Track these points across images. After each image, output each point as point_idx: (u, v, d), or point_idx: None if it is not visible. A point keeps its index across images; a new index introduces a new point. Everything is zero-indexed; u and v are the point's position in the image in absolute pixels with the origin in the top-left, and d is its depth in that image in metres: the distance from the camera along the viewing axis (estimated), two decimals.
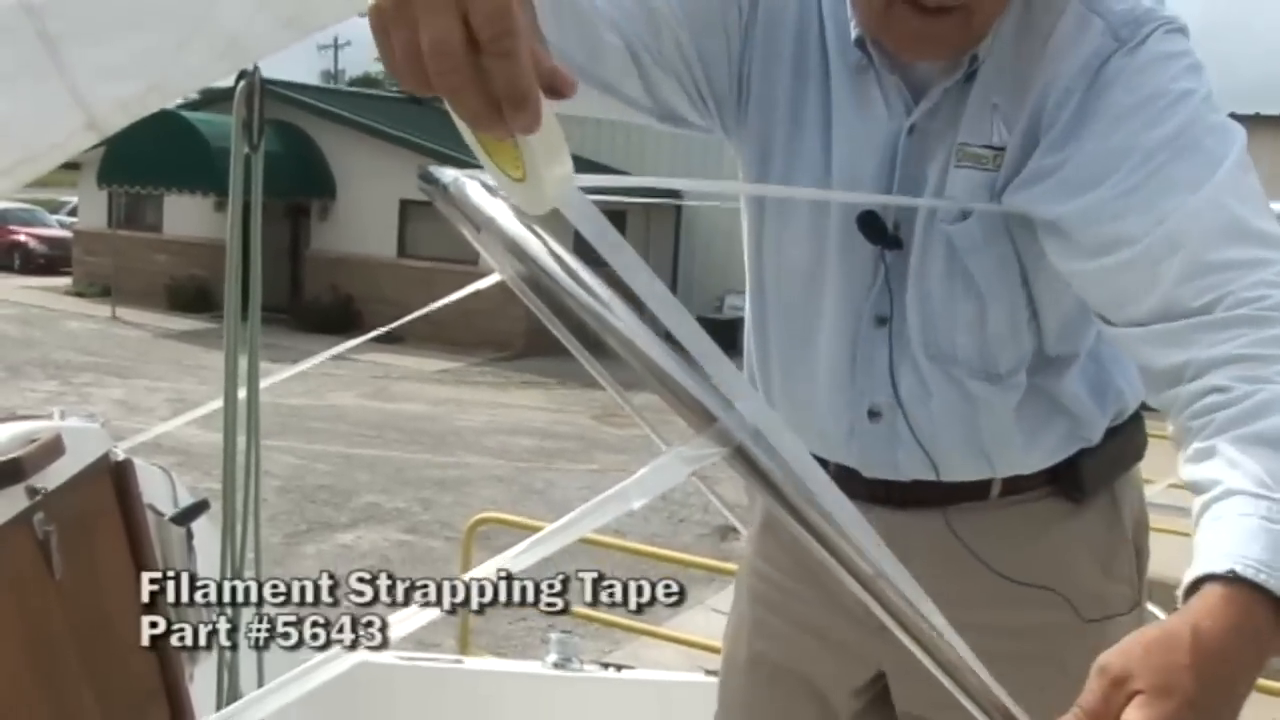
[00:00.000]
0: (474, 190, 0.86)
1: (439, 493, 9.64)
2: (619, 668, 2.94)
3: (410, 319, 2.74)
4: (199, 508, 2.41)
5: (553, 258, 0.80)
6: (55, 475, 1.93)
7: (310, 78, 41.08)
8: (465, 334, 16.69)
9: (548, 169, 0.70)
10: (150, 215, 21.75)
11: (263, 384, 2.09)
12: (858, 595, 0.79)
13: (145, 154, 17.57)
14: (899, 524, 1.26)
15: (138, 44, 0.58)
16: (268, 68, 1.90)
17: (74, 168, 20.62)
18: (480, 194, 0.85)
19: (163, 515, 2.29)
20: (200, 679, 2.20)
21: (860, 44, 1.17)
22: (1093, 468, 1.29)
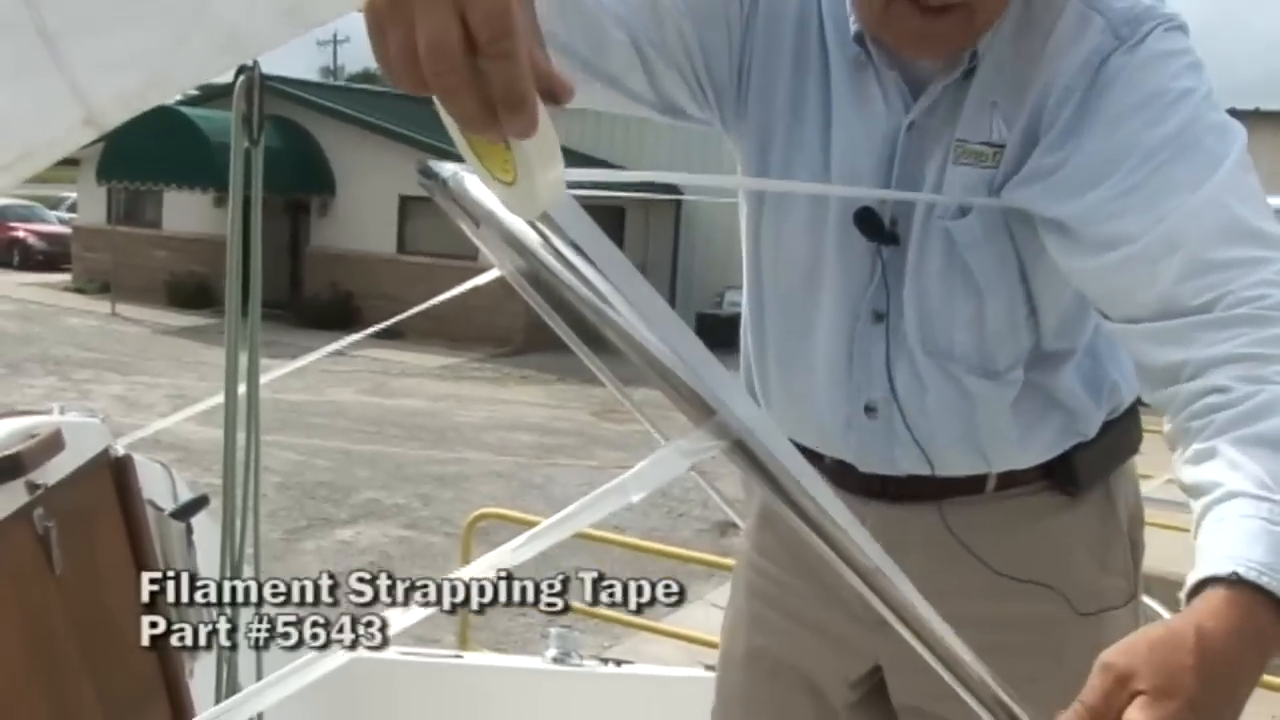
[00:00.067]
0: (473, 185, 0.85)
1: (438, 488, 9.63)
2: (618, 663, 2.94)
3: (410, 314, 2.75)
4: (199, 503, 2.41)
5: (551, 252, 0.80)
6: (55, 470, 1.93)
7: (309, 74, 41.10)
8: (465, 330, 16.68)
9: (541, 173, 0.68)
10: (150, 211, 21.71)
11: (263, 380, 2.09)
12: (855, 589, 0.79)
13: (145, 150, 17.56)
14: (894, 518, 1.27)
15: (137, 38, 0.58)
16: (267, 64, 1.91)
17: (73, 164, 20.57)
18: (479, 189, 0.85)
19: (162, 511, 2.29)
20: (200, 675, 2.20)
21: (859, 39, 1.17)
22: (1087, 461, 1.29)
